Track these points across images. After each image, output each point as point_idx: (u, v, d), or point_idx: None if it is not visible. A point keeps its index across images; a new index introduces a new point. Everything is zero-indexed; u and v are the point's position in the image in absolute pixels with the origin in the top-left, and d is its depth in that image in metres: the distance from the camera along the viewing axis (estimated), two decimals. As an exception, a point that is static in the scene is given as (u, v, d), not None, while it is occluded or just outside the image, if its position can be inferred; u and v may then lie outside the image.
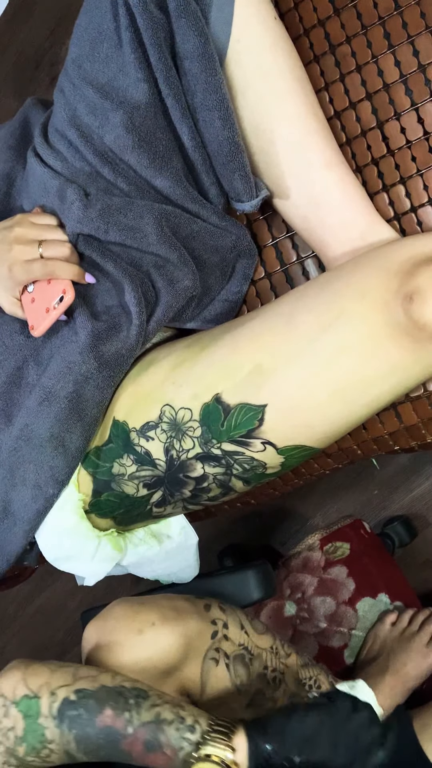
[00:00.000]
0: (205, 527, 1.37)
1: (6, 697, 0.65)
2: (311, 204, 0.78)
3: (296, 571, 1.16)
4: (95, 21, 0.74)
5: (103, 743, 0.62)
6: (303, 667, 0.85)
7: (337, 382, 0.68)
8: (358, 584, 1.11)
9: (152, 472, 0.75)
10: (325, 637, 1.11)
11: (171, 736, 0.62)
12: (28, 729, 0.63)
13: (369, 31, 0.80)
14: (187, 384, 0.73)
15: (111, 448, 0.76)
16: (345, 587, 1.12)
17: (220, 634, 0.77)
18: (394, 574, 1.14)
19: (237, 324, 0.76)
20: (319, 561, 1.15)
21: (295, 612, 1.13)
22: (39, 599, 1.64)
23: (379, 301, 0.67)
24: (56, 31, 1.65)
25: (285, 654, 0.84)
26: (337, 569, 1.13)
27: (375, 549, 1.16)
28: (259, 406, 0.70)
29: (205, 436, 0.72)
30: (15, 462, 0.75)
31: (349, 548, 1.15)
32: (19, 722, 0.64)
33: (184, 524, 0.86)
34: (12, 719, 0.64)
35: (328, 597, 1.12)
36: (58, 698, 0.64)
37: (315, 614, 1.12)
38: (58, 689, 0.65)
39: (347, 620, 1.10)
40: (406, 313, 0.65)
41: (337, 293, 0.70)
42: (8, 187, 0.85)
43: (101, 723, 0.63)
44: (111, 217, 0.75)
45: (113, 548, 0.79)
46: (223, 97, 0.74)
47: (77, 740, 0.63)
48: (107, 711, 0.63)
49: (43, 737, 0.63)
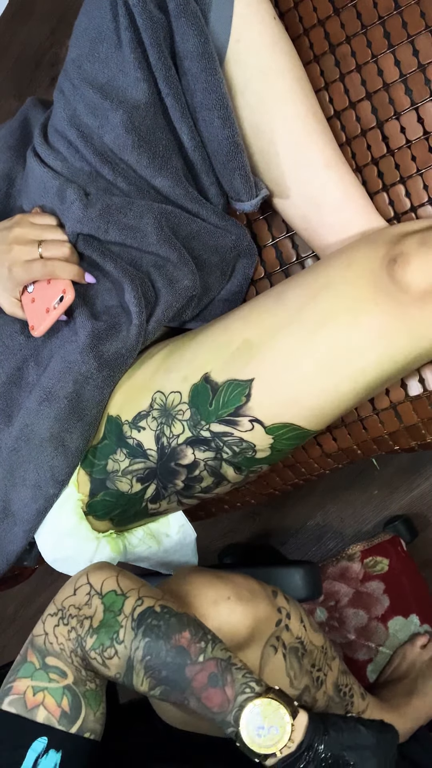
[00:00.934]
0: (206, 527, 1.37)
1: (93, 587, 0.66)
2: (311, 204, 0.78)
3: (333, 578, 1.16)
4: (95, 21, 0.74)
5: (170, 662, 0.62)
6: (342, 673, 0.85)
7: (322, 352, 0.67)
8: (393, 602, 1.11)
9: (144, 464, 0.74)
10: (351, 649, 1.11)
11: (237, 678, 0.62)
12: (105, 622, 0.63)
13: (369, 30, 0.80)
14: (178, 369, 0.74)
15: (105, 445, 0.76)
16: (379, 603, 1.12)
17: (283, 622, 0.76)
18: (426, 597, 1.14)
19: (229, 312, 0.77)
20: (358, 573, 1.15)
21: (326, 619, 1.13)
22: (39, 599, 1.64)
23: (365, 268, 0.67)
24: (56, 31, 1.65)
25: (331, 656, 0.84)
26: (375, 584, 1.13)
27: (410, 568, 1.16)
28: (245, 381, 0.69)
29: (194, 418, 0.72)
30: (15, 462, 0.75)
31: (388, 564, 1.14)
32: (99, 613, 0.64)
33: (183, 522, 0.86)
34: (93, 608, 0.64)
35: (362, 610, 1.12)
36: (144, 604, 0.64)
37: (345, 625, 1.12)
38: (146, 597, 0.65)
39: (377, 636, 1.10)
40: (390, 275, 0.65)
41: (325, 266, 0.70)
42: (8, 187, 0.85)
43: (176, 641, 0.62)
44: (111, 216, 0.75)
45: (112, 550, 0.79)
46: (223, 97, 0.74)
47: (146, 649, 0.62)
48: (186, 633, 0.63)
49: (115, 634, 0.63)
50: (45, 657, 0.64)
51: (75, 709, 0.63)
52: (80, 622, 0.64)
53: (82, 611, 0.64)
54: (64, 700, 0.63)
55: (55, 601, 0.67)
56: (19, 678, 0.64)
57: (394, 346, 0.67)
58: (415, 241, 0.67)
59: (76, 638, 0.64)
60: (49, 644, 0.64)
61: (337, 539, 1.34)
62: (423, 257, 0.65)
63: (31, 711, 0.62)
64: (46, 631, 0.65)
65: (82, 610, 0.64)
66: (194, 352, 0.74)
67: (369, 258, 0.67)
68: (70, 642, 0.64)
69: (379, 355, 0.67)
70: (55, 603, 0.67)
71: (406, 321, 0.66)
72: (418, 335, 0.67)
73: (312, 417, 0.71)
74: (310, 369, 0.68)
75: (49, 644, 0.64)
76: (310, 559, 1.37)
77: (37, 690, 0.63)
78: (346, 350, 0.67)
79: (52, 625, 0.65)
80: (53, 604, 0.67)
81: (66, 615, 0.65)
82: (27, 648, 0.66)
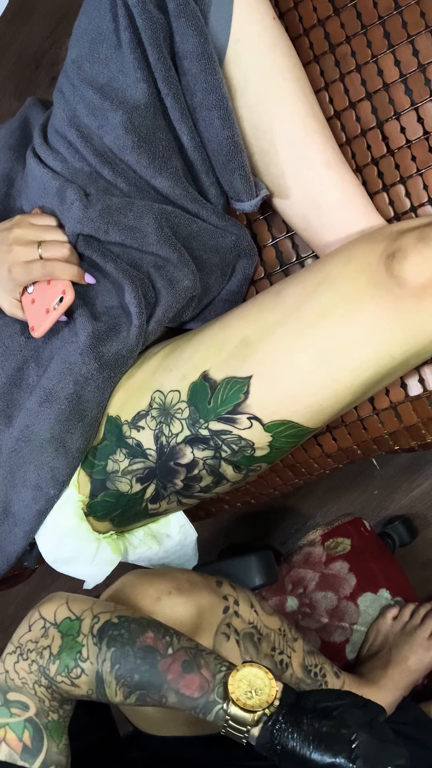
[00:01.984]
0: (206, 527, 1.37)
1: (47, 620, 0.65)
2: (311, 204, 0.78)
3: (298, 566, 1.16)
4: (94, 22, 0.74)
5: (140, 663, 0.62)
6: (309, 654, 0.85)
7: (319, 346, 0.67)
8: (359, 579, 1.11)
9: (144, 464, 0.74)
10: (326, 632, 1.11)
11: (209, 661, 0.62)
12: (65, 646, 0.63)
13: (369, 30, 0.80)
14: (177, 368, 0.74)
15: (105, 446, 0.76)
16: (346, 582, 1.12)
17: (231, 609, 0.76)
18: (394, 570, 1.15)
19: (228, 311, 0.77)
20: (320, 556, 1.15)
21: (297, 607, 1.13)
22: (39, 599, 1.64)
23: (363, 263, 0.67)
24: (56, 31, 1.65)
25: (292, 638, 0.84)
26: (339, 564, 1.13)
27: (375, 546, 1.16)
28: (244, 378, 0.69)
29: (192, 416, 0.71)
30: (15, 463, 0.75)
31: (350, 544, 1.15)
32: (56, 640, 0.64)
33: (183, 522, 0.85)
34: (50, 638, 0.64)
35: (330, 592, 1.12)
36: (100, 620, 0.64)
37: (317, 609, 1.12)
38: (100, 614, 0.65)
39: (349, 615, 1.10)
40: (388, 269, 0.65)
41: (323, 263, 0.71)
42: (8, 187, 0.85)
43: (142, 642, 0.62)
44: (111, 217, 0.75)
45: (113, 551, 0.79)
46: (223, 97, 0.74)
47: (114, 659, 0.62)
48: (149, 633, 0.63)
49: (78, 654, 0.63)
50: (6, 693, 0.64)
51: (37, 741, 0.62)
52: (39, 653, 0.64)
53: (40, 643, 0.64)
54: (25, 734, 0.62)
55: (12, 641, 0.67)
56: None
57: (391, 340, 0.67)
58: (414, 236, 0.67)
59: (38, 669, 0.63)
60: (11, 680, 0.64)
61: (338, 539, 1.34)
62: (421, 252, 0.65)
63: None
64: (6, 669, 0.65)
65: (39, 642, 0.64)
66: (193, 351, 0.74)
67: (367, 254, 0.67)
68: (32, 674, 0.63)
69: (376, 350, 0.67)
70: (12, 642, 0.66)
71: (403, 316, 0.66)
72: (416, 330, 0.66)
73: (310, 414, 0.70)
74: (308, 364, 0.67)
75: (10, 680, 0.64)
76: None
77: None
78: (343, 345, 0.67)
79: (12, 662, 0.65)
80: (11, 644, 0.67)
81: (24, 650, 0.65)
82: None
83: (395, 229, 0.70)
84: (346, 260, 0.68)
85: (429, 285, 0.65)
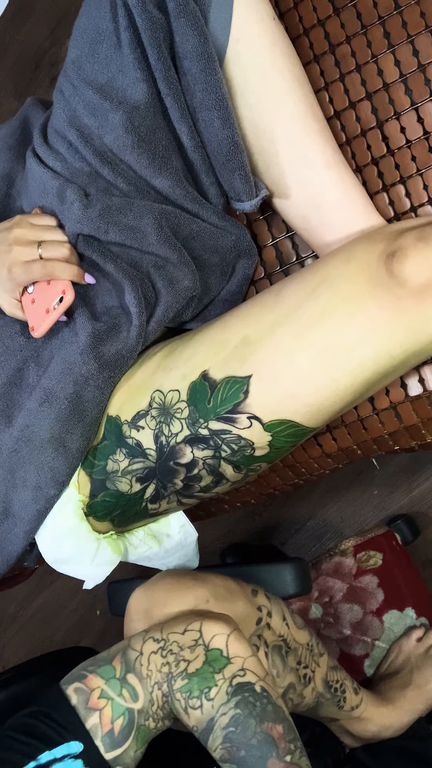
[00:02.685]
0: (206, 527, 1.37)
1: (203, 637, 0.65)
2: (311, 204, 0.78)
3: (326, 574, 1.15)
4: (94, 21, 0.74)
5: (254, 745, 0.60)
6: (332, 669, 0.85)
7: (319, 346, 0.67)
8: (387, 596, 1.11)
9: (144, 464, 0.74)
10: (347, 644, 1.11)
11: None
12: (202, 673, 0.62)
13: (369, 30, 0.80)
14: (177, 367, 0.73)
15: (105, 446, 0.76)
16: (374, 597, 1.12)
17: (263, 621, 0.76)
18: (421, 588, 1.14)
19: (228, 311, 0.77)
20: (351, 568, 1.15)
21: (321, 615, 1.13)
22: (39, 599, 1.64)
23: (363, 263, 0.67)
24: (56, 31, 1.65)
25: (318, 653, 0.84)
26: (368, 578, 1.13)
27: (404, 561, 1.16)
28: (243, 377, 0.69)
29: (192, 416, 0.71)
30: (15, 463, 0.75)
31: (381, 558, 1.14)
32: (198, 662, 0.63)
33: (184, 522, 0.85)
34: (195, 655, 0.63)
35: (356, 605, 1.12)
36: (245, 677, 0.63)
37: (340, 620, 1.12)
38: (249, 671, 0.63)
39: (372, 630, 1.10)
40: (388, 269, 0.65)
41: (323, 263, 0.70)
42: (8, 187, 0.85)
43: (268, 729, 0.61)
44: (111, 217, 0.75)
45: (113, 551, 0.79)
46: (222, 97, 0.74)
47: (234, 720, 0.60)
48: (279, 727, 0.61)
49: (207, 689, 0.62)
50: (128, 672, 0.64)
51: (123, 735, 0.62)
52: (177, 661, 0.63)
53: (183, 653, 0.64)
54: (119, 720, 0.62)
55: (162, 629, 0.66)
56: (96, 674, 0.64)
57: (391, 340, 0.66)
58: (413, 236, 0.67)
59: (167, 674, 0.63)
60: (139, 665, 0.64)
61: (337, 539, 1.34)
62: (421, 252, 0.65)
63: (87, 710, 0.62)
64: (141, 652, 0.64)
65: (183, 651, 0.64)
66: (193, 351, 0.74)
67: (367, 253, 0.67)
68: (159, 674, 0.63)
69: (375, 350, 0.67)
70: (162, 630, 0.66)
71: (402, 315, 0.65)
72: (415, 330, 0.66)
73: (310, 413, 0.70)
74: (307, 364, 0.67)
75: (139, 665, 0.64)
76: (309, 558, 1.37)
77: (104, 696, 0.62)
78: (343, 344, 0.66)
79: (149, 650, 0.64)
80: (159, 630, 0.66)
81: (166, 648, 0.64)
82: (118, 652, 0.66)
83: (395, 228, 0.70)
84: (346, 260, 0.68)
85: (429, 285, 0.65)
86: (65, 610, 1.61)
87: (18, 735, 0.62)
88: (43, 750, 0.60)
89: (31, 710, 0.64)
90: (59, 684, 0.64)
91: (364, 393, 0.71)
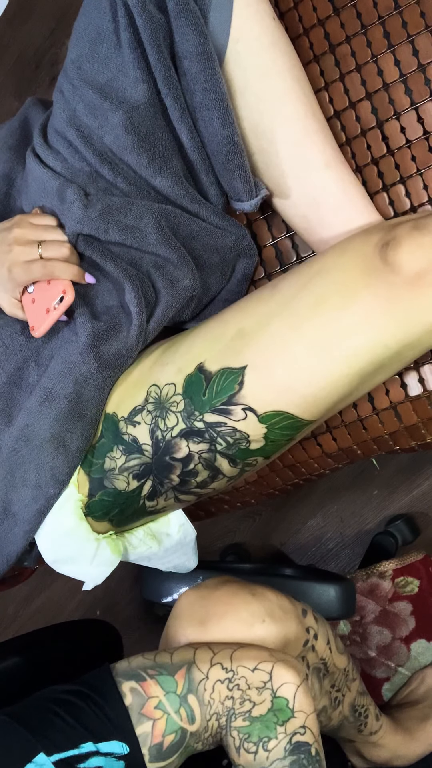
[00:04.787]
0: (206, 527, 1.37)
1: (272, 681, 0.64)
2: (311, 204, 0.78)
3: (361, 593, 1.15)
4: (94, 21, 0.74)
5: None
6: (360, 694, 0.85)
7: (314, 336, 0.67)
8: (419, 624, 1.11)
9: (140, 460, 0.74)
10: (370, 665, 1.10)
11: None
12: (265, 721, 0.62)
13: (369, 30, 0.80)
14: (173, 362, 0.73)
15: (103, 443, 0.76)
16: (405, 624, 1.11)
17: (310, 643, 0.76)
18: None
19: (226, 307, 0.77)
20: (387, 592, 1.14)
21: (348, 633, 1.13)
22: (38, 599, 1.64)
23: (358, 253, 0.67)
24: (56, 31, 1.65)
25: (352, 678, 0.83)
26: (403, 605, 1.12)
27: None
28: (238, 368, 0.69)
29: (187, 409, 0.71)
30: (15, 462, 0.75)
31: (418, 586, 1.13)
32: (263, 707, 0.62)
33: (183, 521, 0.85)
34: (261, 699, 0.63)
35: (386, 629, 1.11)
36: (305, 735, 0.63)
37: (367, 641, 1.12)
38: (309, 729, 0.63)
39: (398, 656, 1.10)
40: (382, 257, 0.65)
41: (320, 256, 0.71)
42: (8, 187, 0.85)
43: None
44: (111, 216, 0.75)
45: (112, 552, 0.79)
46: (222, 97, 0.74)
47: None
48: None
49: (266, 739, 0.61)
50: (190, 693, 0.63)
51: (170, 750, 0.61)
52: (243, 700, 0.63)
53: (250, 692, 0.63)
54: (170, 737, 0.61)
55: (233, 659, 0.65)
56: (156, 682, 0.63)
57: (385, 329, 0.66)
58: (409, 225, 0.66)
59: (230, 709, 0.62)
60: (203, 689, 0.63)
61: (338, 539, 1.35)
62: (415, 240, 0.65)
63: (140, 716, 0.61)
64: (207, 676, 0.64)
65: (250, 691, 0.63)
66: (189, 345, 0.74)
67: (362, 244, 0.67)
68: (221, 705, 0.62)
69: (369, 338, 0.66)
70: (232, 661, 0.65)
71: (396, 304, 0.65)
72: (409, 320, 0.66)
73: (305, 405, 0.69)
74: (302, 354, 0.67)
75: (203, 689, 0.63)
76: (309, 558, 1.37)
77: (161, 708, 0.61)
78: (337, 334, 0.66)
79: (216, 677, 0.64)
80: (230, 660, 0.65)
81: (234, 681, 0.64)
82: (183, 665, 0.65)
83: (391, 222, 0.70)
84: (341, 252, 0.68)
85: (423, 273, 0.64)
86: (65, 610, 1.61)
87: (64, 714, 0.60)
88: (88, 740, 0.59)
89: (76, 689, 0.62)
90: (111, 673, 0.63)
91: (360, 385, 0.70)
